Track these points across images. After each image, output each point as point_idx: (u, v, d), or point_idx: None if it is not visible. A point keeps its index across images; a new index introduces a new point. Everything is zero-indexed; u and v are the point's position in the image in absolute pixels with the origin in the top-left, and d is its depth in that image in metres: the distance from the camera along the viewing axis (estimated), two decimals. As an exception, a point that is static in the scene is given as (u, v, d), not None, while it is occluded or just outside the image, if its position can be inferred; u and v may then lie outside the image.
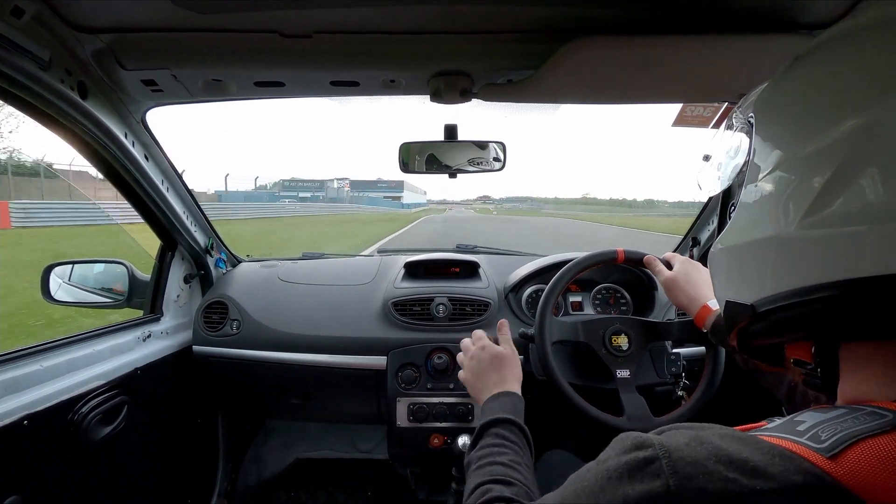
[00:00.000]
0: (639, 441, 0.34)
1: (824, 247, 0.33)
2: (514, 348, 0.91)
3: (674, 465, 0.31)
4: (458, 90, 0.89)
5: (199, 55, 0.82)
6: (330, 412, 1.60)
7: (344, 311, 1.35)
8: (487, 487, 0.59)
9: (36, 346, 0.92)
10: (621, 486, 0.32)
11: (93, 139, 0.92)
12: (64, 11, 0.71)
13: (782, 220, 0.36)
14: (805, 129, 0.36)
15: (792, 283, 0.35)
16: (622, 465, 0.33)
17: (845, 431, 0.29)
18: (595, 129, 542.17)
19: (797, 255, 0.35)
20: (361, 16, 0.73)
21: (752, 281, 0.39)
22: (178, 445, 1.38)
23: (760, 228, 0.38)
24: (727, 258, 0.44)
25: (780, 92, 0.41)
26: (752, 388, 0.87)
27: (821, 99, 0.36)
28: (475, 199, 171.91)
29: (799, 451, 0.29)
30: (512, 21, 0.75)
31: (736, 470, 0.29)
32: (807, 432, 0.31)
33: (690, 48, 0.74)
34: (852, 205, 0.31)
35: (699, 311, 0.85)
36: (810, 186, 0.33)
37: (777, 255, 0.36)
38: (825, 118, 0.34)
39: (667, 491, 0.30)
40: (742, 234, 0.41)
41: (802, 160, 0.35)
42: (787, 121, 0.39)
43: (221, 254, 1.51)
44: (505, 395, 0.79)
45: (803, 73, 0.39)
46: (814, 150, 0.34)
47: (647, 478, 0.31)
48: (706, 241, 1.40)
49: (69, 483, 0.95)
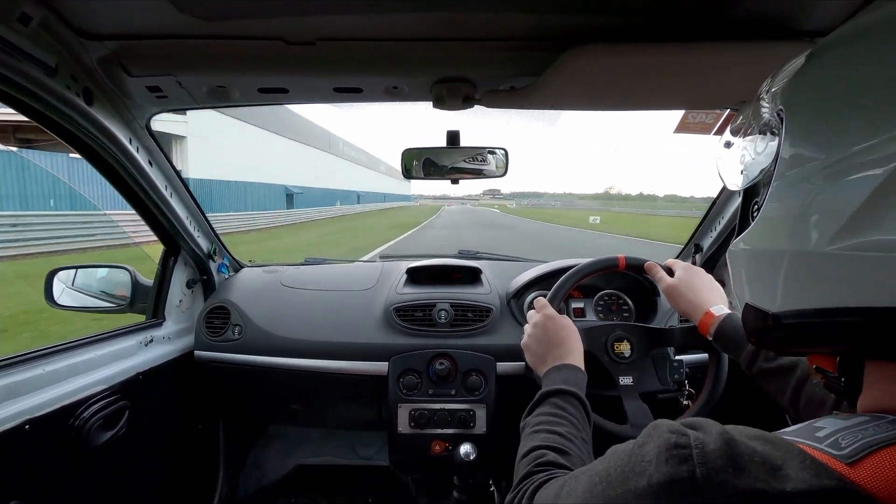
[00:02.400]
0: (674, 428, 0.34)
1: (857, 271, 0.30)
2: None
3: (705, 456, 0.31)
4: (460, 97, 0.90)
5: (203, 62, 0.82)
6: (331, 418, 1.59)
7: (345, 317, 1.34)
8: (542, 452, 0.58)
9: (38, 350, 0.92)
10: (648, 469, 0.33)
11: (97, 144, 0.93)
12: (70, 18, 0.72)
13: (813, 234, 0.33)
14: (843, 135, 0.32)
15: (817, 302, 0.33)
16: (654, 450, 0.33)
17: (866, 439, 0.29)
18: (614, 122, 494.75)
19: (825, 275, 0.33)
20: (364, 23, 0.74)
21: (773, 289, 0.37)
22: (179, 451, 1.37)
23: (787, 238, 0.35)
24: (749, 260, 0.41)
25: (814, 84, 0.37)
26: (756, 395, 0.86)
27: (863, 100, 0.32)
28: (481, 193, 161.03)
29: (819, 456, 0.29)
30: (514, 28, 0.76)
31: (767, 471, 0.29)
32: (826, 438, 0.31)
33: (692, 55, 0.74)
34: (891, 230, 0.28)
35: (702, 317, 0.84)
36: (847, 202, 0.30)
37: (803, 270, 0.34)
38: (867, 124, 0.30)
39: (692, 478, 0.30)
40: (767, 240, 0.39)
41: (840, 171, 0.31)
42: (821, 121, 0.35)
43: (224, 259, 1.51)
44: (568, 368, 0.77)
45: (840, 65, 0.35)
46: (854, 162, 0.30)
47: (674, 461, 0.31)
48: (708, 248, 1.40)
49: (70, 488, 0.95)
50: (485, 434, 1.21)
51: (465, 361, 1.24)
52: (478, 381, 1.22)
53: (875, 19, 0.33)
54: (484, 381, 1.22)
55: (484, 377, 1.23)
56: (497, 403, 1.23)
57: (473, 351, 1.25)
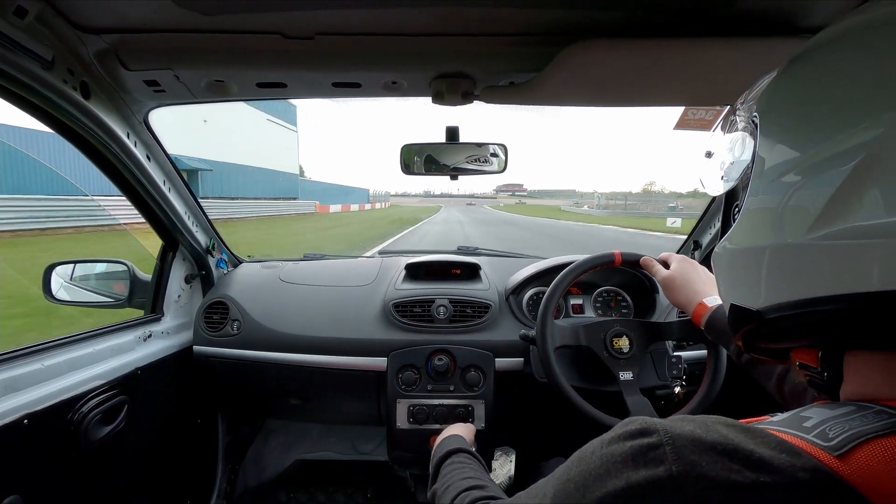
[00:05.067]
0: (644, 426, 0.34)
1: (833, 259, 0.32)
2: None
3: (678, 451, 0.31)
4: (459, 92, 0.89)
5: (201, 56, 0.82)
6: (330, 413, 1.60)
7: (344, 313, 1.35)
8: (466, 493, 0.62)
9: (36, 345, 0.92)
10: (625, 471, 0.32)
11: (95, 139, 0.92)
12: (67, 11, 0.71)
13: (790, 227, 0.35)
14: (813, 134, 0.34)
15: (798, 293, 0.34)
16: (626, 451, 0.33)
17: (853, 430, 0.29)
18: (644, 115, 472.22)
19: (804, 266, 0.34)
20: (363, 17, 0.73)
21: (757, 286, 0.39)
22: (178, 445, 1.38)
23: (766, 234, 0.37)
24: (732, 260, 0.43)
25: (785, 91, 0.39)
26: (751, 384, 0.87)
27: (830, 102, 0.34)
28: (494, 190, 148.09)
29: (806, 447, 0.29)
30: (513, 23, 0.75)
31: (740, 461, 0.29)
32: (814, 429, 0.31)
33: (692, 51, 0.74)
34: (863, 218, 0.30)
35: (695, 308, 0.86)
36: (820, 195, 0.32)
37: (783, 263, 0.36)
38: (835, 122, 0.33)
39: (669, 477, 0.30)
40: (747, 238, 0.40)
41: (812, 167, 0.34)
42: (793, 123, 0.38)
43: (223, 254, 1.51)
44: (453, 438, 0.85)
45: (809, 71, 0.38)
46: (824, 157, 0.33)
47: (651, 464, 0.31)
48: (707, 245, 1.40)
49: (69, 482, 0.95)
50: (483, 429, 1.21)
51: (463, 357, 1.24)
52: (476, 376, 1.23)
53: (837, 32, 0.37)
54: (482, 376, 1.23)
55: (482, 373, 1.23)
56: (496, 399, 1.23)
57: (472, 347, 1.26)
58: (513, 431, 1.43)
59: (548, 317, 1.02)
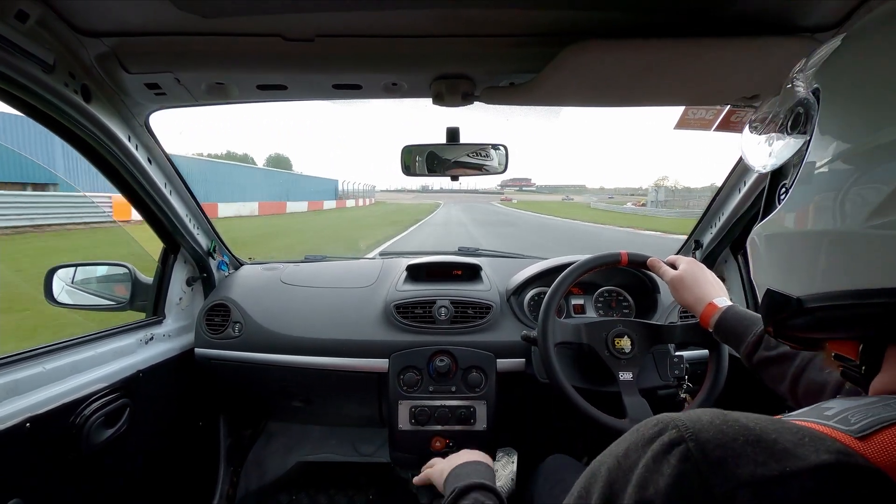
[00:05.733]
0: (662, 424, 0.32)
1: (890, 250, 0.30)
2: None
3: (702, 447, 0.29)
4: (459, 93, 0.90)
5: (202, 59, 0.82)
6: (331, 415, 1.59)
7: (346, 314, 1.35)
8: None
9: (38, 348, 0.92)
10: (653, 477, 0.30)
11: (96, 142, 0.93)
12: (68, 15, 0.72)
13: (846, 214, 0.32)
14: (882, 115, 0.31)
15: (847, 284, 0.32)
16: (650, 457, 0.31)
17: (877, 416, 0.28)
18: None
19: (858, 256, 0.32)
20: (363, 19, 0.73)
21: (800, 273, 0.36)
22: (180, 448, 1.38)
23: (818, 219, 0.34)
24: (774, 244, 0.40)
25: (855, 63, 0.36)
26: (757, 388, 0.86)
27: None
28: (499, 185, 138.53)
29: (827, 432, 0.28)
30: (513, 24, 0.75)
31: (765, 452, 0.28)
32: (835, 416, 0.30)
33: (691, 52, 0.74)
34: None
35: (705, 308, 0.86)
36: (884, 182, 0.30)
37: (835, 251, 0.33)
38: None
39: (697, 472, 0.28)
40: (795, 222, 0.37)
41: (876, 150, 0.31)
42: (862, 100, 0.34)
43: (224, 256, 1.51)
44: (475, 464, 0.79)
45: (880, 45, 0.34)
46: (889, 141, 0.30)
47: (675, 459, 0.29)
48: (708, 244, 1.40)
49: (71, 485, 0.95)
50: (485, 430, 1.21)
51: (465, 358, 1.24)
52: (478, 377, 1.22)
53: None
54: (484, 377, 1.23)
55: (484, 374, 1.23)
56: (497, 400, 1.23)
57: (474, 348, 1.25)
58: (515, 432, 1.43)
59: (550, 316, 1.02)
